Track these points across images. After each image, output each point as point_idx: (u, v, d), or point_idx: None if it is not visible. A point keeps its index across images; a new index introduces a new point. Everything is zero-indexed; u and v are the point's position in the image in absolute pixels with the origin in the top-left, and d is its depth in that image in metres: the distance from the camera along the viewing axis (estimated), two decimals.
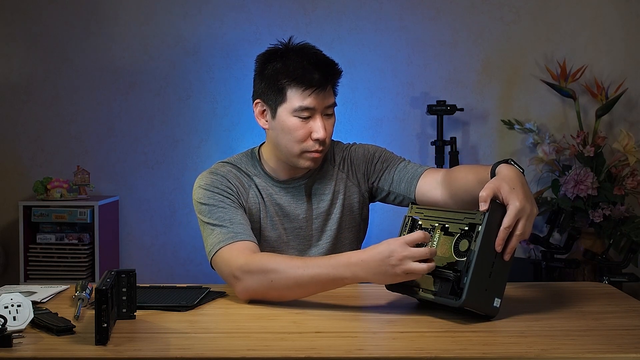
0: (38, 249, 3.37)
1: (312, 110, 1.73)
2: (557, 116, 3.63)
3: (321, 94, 1.73)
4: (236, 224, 1.71)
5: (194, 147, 3.66)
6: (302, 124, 1.74)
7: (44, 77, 3.64)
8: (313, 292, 1.58)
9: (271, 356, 1.26)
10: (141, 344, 1.35)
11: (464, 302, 1.42)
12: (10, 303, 1.35)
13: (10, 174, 3.66)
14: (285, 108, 1.74)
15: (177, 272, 3.66)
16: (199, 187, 1.78)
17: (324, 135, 1.74)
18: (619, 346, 1.30)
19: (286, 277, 1.55)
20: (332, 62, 1.79)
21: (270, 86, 1.76)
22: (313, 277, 1.53)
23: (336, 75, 1.78)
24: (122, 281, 1.48)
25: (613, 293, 1.73)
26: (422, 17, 3.63)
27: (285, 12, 3.61)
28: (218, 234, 1.69)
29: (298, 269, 1.54)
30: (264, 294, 1.59)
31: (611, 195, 3.32)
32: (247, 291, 1.60)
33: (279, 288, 1.56)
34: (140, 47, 3.63)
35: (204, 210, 1.75)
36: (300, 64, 1.73)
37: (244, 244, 1.67)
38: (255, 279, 1.58)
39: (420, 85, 3.64)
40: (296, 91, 1.73)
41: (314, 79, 1.72)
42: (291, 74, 1.73)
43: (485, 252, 1.43)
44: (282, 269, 1.55)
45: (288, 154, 1.78)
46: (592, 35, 3.62)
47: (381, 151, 1.93)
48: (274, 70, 1.75)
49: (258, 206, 1.82)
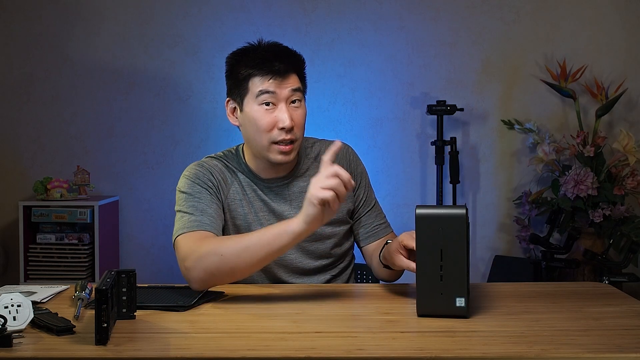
0: (38, 249, 3.37)
1: (274, 96, 1.77)
2: (557, 116, 3.63)
3: (283, 80, 1.77)
4: (206, 215, 1.75)
5: (194, 147, 3.66)
6: (266, 113, 1.77)
7: (44, 77, 3.64)
8: (262, 255, 1.59)
9: (271, 356, 1.26)
10: (141, 344, 1.35)
11: (419, 310, 1.48)
12: (10, 303, 1.35)
13: (10, 174, 3.66)
14: (249, 99, 1.79)
15: (176, 272, 3.61)
16: (183, 176, 1.85)
17: (290, 124, 1.76)
18: (619, 346, 1.30)
19: (233, 247, 1.60)
20: (294, 52, 1.84)
21: (234, 81, 1.82)
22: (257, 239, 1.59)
23: (297, 62, 1.82)
24: (122, 281, 1.48)
25: (613, 293, 1.73)
26: (422, 17, 3.63)
27: (285, 12, 3.61)
28: (185, 221, 1.74)
29: (243, 237, 1.62)
30: (217, 274, 1.62)
31: (611, 195, 3.32)
32: (200, 272, 1.63)
33: (229, 260, 1.59)
34: (140, 47, 3.64)
35: (180, 198, 1.80)
36: (260, 55, 1.79)
37: (204, 234, 1.70)
38: (208, 259, 1.61)
39: (420, 85, 3.64)
40: (257, 79, 1.78)
41: (273, 65, 1.77)
42: (251, 63, 1.78)
43: (427, 261, 1.47)
44: (229, 241, 1.64)
45: (258, 147, 1.81)
46: (592, 35, 3.62)
47: (367, 178, 2.00)
48: (237, 64, 1.81)
49: (240, 202, 1.84)
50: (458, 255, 1.46)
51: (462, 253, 1.46)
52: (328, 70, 3.59)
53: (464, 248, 1.46)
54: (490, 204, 3.66)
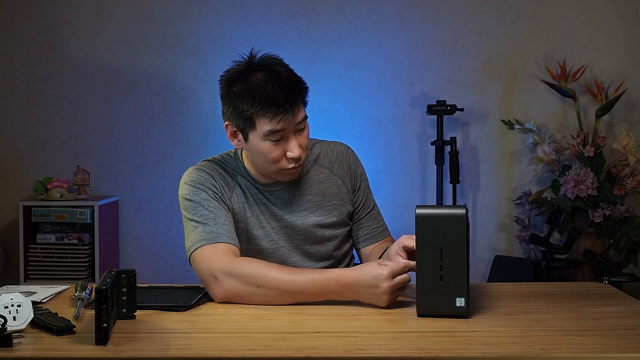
0: (38, 249, 3.37)
1: (283, 132, 1.72)
2: (557, 116, 3.63)
3: (290, 115, 1.70)
4: (220, 224, 1.72)
5: (194, 147, 3.66)
6: (275, 147, 1.73)
7: (44, 77, 3.64)
8: (297, 301, 1.61)
9: (271, 356, 1.26)
10: (141, 344, 1.35)
11: (418, 310, 1.49)
12: (10, 303, 1.35)
13: (10, 174, 3.66)
14: (256, 134, 1.73)
15: (176, 272, 3.66)
16: (184, 183, 1.80)
17: (299, 153, 1.74)
18: (619, 346, 1.30)
19: (273, 286, 1.59)
20: (298, 80, 1.74)
21: (237, 113, 1.73)
22: (302, 289, 1.59)
23: (303, 93, 1.75)
24: (122, 281, 1.48)
25: (613, 293, 1.73)
26: (422, 17, 3.63)
27: (285, 12, 3.61)
28: (200, 232, 1.71)
29: (287, 278, 1.59)
30: (245, 298, 1.61)
31: (611, 195, 3.32)
32: (228, 293, 1.62)
33: (265, 295, 1.59)
34: (140, 47, 3.63)
35: (188, 207, 1.76)
36: (265, 90, 1.68)
37: (226, 247, 1.68)
38: (240, 283, 1.60)
39: (420, 85, 3.64)
40: (264, 118, 1.70)
41: (280, 104, 1.68)
42: (257, 102, 1.68)
43: (427, 261, 1.47)
44: (272, 278, 1.59)
45: (265, 171, 1.80)
46: (592, 35, 3.62)
47: (366, 181, 1.98)
48: (239, 95, 1.71)
49: (243, 205, 1.83)
50: (458, 255, 1.46)
51: (462, 253, 1.46)
52: (328, 70, 3.59)
53: (464, 248, 1.46)
54: (490, 204, 3.66)
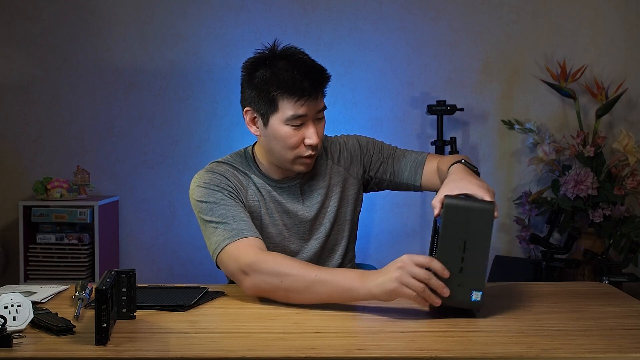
0: (38, 249, 3.37)
1: (304, 118, 1.75)
2: (557, 116, 3.63)
3: (313, 101, 1.75)
4: (239, 220, 1.71)
5: (194, 147, 3.66)
6: (294, 132, 1.75)
7: (44, 77, 3.64)
8: (320, 299, 1.58)
9: (271, 356, 1.26)
10: (141, 344, 1.35)
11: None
12: (10, 303, 1.35)
13: (10, 174, 3.66)
14: (277, 117, 1.75)
15: (176, 272, 3.66)
16: (197, 186, 1.78)
17: (317, 141, 1.76)
18: (619, 346, 1.30)
19: (298, 281, 1.57)
20: (321, 68, 1.80)
21: (261, 96, 1.76)
22: (325, 283, 1.55)
23: (326, 81, 1.79)
24: (122, 281, 1.48)
25: (613, 293, 1.73)
26: (422, 17, 3.63)
27: (285, 12, 3.61)
28: (222, 231, 1.69)
29: (311, 273, 1.57)
30: (271, 294, 1.61)
31: (611, 195, 3.32)
32: (256, 288, 1.61)
33: (289, 290, 1.58)
34: (140, 47, 3.64)
35: (204, 209, 1.74)
36: (291, 74, 1.73)
37: (250, 241, 1.67)
38: (266, 278, 1.59)
39: (420, 85, 3.64)
40: (288, 101, 1.73)
41: (305, 88, 1.72)
42: (282, 84, 1.73)
43: (449, 251, 1.46)
44: (296, 273, 1.57)
45: (281, 159, 1.80)
46: (592, 35, 3.62)
47: (373, 142, 1.99)
48: (263, 80, 1.74)
49: (258, 203, 1.82)
50: (481, 249, 1.46)
51: (485, 247, 1.46)
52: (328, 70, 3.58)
53: (487, 242, 1.46)
54: None
